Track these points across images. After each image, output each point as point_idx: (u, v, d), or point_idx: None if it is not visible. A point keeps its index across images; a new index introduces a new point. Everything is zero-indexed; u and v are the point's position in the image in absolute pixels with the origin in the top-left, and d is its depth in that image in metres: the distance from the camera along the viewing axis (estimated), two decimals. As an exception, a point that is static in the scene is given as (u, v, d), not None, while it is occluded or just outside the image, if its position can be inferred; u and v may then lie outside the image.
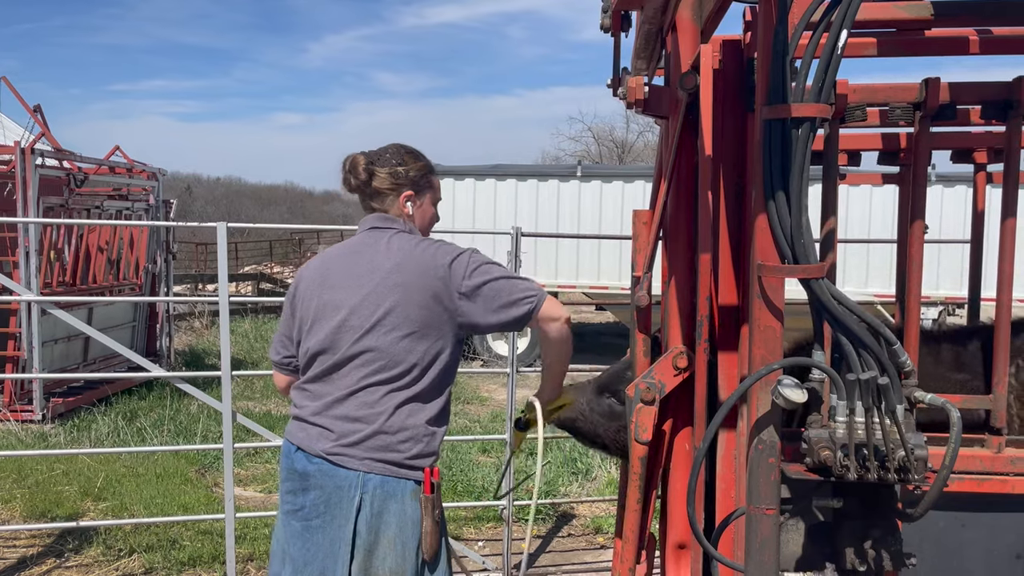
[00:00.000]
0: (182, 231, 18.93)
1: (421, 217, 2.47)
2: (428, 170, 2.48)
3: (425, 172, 2.47)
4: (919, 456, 1.58)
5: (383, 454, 2.23)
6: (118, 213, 10.12)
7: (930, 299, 10.95)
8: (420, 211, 2.46)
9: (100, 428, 7.61)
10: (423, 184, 2.46)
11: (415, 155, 2.47)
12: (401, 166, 2.42)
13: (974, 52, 2.04)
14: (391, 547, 2.21)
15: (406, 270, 2.28)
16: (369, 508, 2.21)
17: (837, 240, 2.03)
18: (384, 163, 2.41)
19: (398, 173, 2.40)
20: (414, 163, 2.44)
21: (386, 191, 2.41)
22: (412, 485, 2.25)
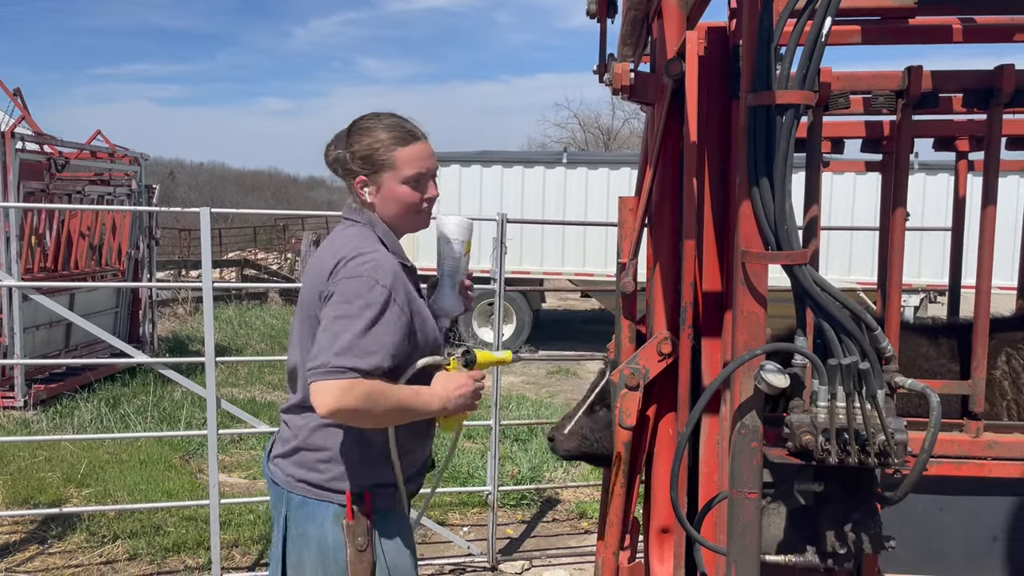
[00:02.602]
0: (165, 217, 18.79)
1: (384, 202, 2.07)
2: (384, 145, 2.03)
3: (377, 149, 2.03)
4: (899, 440, 1.60)
5: (303, 472, 2.07)
6: (100, 198, 10.02)
7: (911, 286, 11.05)
8: (382, 196, 2.06)
9: (83, 414, 7.57)
10: (377, 163, 2.04)
11: (364, 131, 2.06)
12: (345, 150, 2.07)
13: (957, 41, 2.05)
14: (313, 572, 2.06)
15: (308, 273, 2.08)
16: (293, 527, 2.08)
17: (820, 227, 2.05)
18: (331, 148, 2.11)
19: (341, 159, 2.08)
20: (360, 142, 2.05)
21: (343, 178, 2.12)
22: (335, 509, 2.04)
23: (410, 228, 2.15)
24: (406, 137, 2.05)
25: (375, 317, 1.90)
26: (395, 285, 1.95)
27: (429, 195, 2.10)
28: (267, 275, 19.75)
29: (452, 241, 2.23)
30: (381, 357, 1.89)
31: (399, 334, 1.95)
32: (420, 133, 2.09)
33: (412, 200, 2.08)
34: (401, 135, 2.05)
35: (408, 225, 2.14)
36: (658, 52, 2.23)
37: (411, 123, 2.09)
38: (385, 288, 1.92)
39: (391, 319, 1.93)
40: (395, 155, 2.04)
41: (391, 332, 1.93)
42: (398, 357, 1.95)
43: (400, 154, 2.04)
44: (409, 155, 2.05)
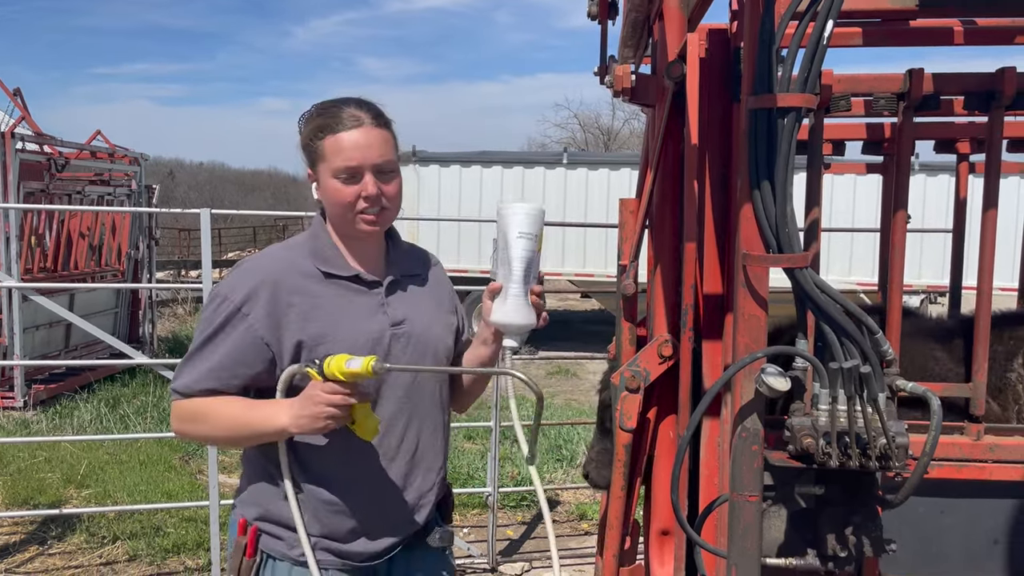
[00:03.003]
0: (165, 217, 18.79)
1: (324, 200, 1.85)
2: (314, 133, 1.80)
3: (310, 138, 1.82)
4: (900, 443, 1.60)
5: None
6: (100, 198, 10.02)
7: (912, 288, 11.05)
8: (322, 193, 1.85)
9: (82, 415, 7.57)
10: (312, 154, 1.82)
11: (307, 119, 1.85)
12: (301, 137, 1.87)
13: (958, 43, 2.05)
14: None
15: None
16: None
17: (821, 229, 2.05)
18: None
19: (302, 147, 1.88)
20: (302, 131, 1.85)
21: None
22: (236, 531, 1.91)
23: (354, 232, 1.85)
24: (337, 123, 1.77)
25: (208, 336, 1.79)
26: (252, 296, 1.76)
27: (367, 192, 1.78)
28: (267, 275, 19.77)
29: (519, 236, 1.85)
30: (195, 377, 1.79)
31: (237, 352, 1.77)
32: (366, 118, 1.79)
33: (341, 197, 1.79)
34: (332, 121, 1.78)
35: (349, 228, 1.85)
36: (659, 54, 2.23)
37: (360, 108, 1.81)
38: (232, 303, 1.77)
39: (230, 337, 1.77)
40: (324, 144, 1.79)
41: (223, 351, 1.77)
42: (239, 377, 1.79)
43: (329, 143, 1.78)
44: (338, 144, 1.77)
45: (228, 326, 1.77)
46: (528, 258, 1.85)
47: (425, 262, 2.08)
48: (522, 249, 1.84)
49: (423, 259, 2.08)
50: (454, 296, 2.11)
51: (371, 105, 1.84)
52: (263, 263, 1.84)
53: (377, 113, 1.83)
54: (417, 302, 1.95)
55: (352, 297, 1.85)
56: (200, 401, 1.80)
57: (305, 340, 1.78)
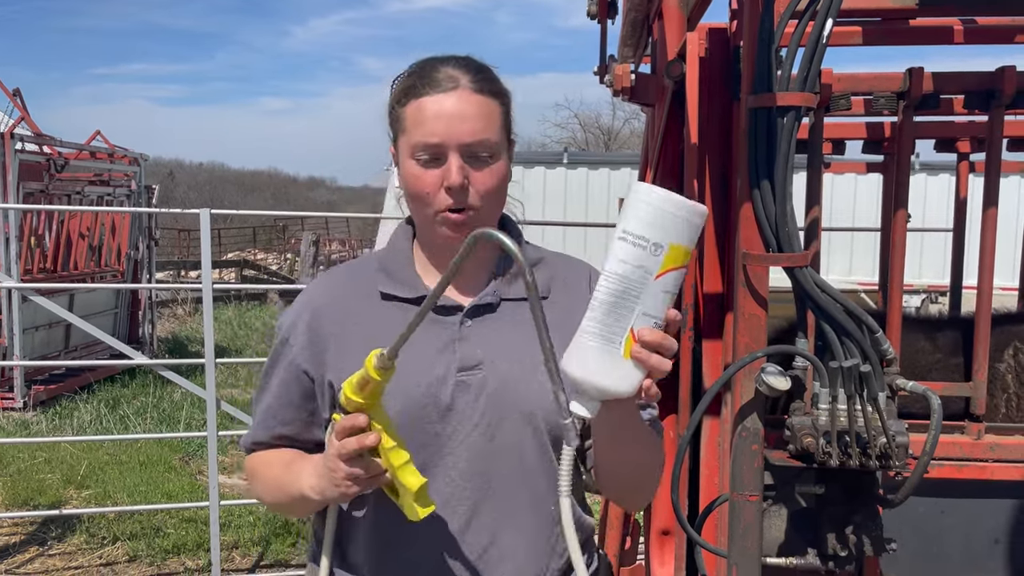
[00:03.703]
0: (165, 217, 18.78)
1: (404, 192, 1.39)
2: (404, 93, 1.35)
3: (395, 101, 1.37)
4: (900, 443, 1.60)
5: None
6: (99, 199, 10.02)
7: (913, 287, 11.04)
8: (400, 180, 1.40)
9: (82, 416, 7.57)
10: (394, 124, 1.38)
11: (403, 74, 1.39)
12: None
13: (958, 42, 2.05)
14: None
15: None
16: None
17: (821, 228, 2.04)
18: None
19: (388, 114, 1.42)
20: (393, 90, 1.40)
21: None
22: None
23: (433, 236, 1.38)
24: (427, 83, 1.31)
25: (265, 375, 1.47)
26: (296, 324, 1.42)
27: (450, 180, 1.28)
28: (267, 276, 19.75)
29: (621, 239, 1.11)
30: (255, 428, 1.48)
31: (282, 390, 1.43)
32: (464, 79, 1.31)
33: (417, 185, 1.32)
34: (422, 81, 1.32)
35: (427, 231, 1.39)
36: (659, 53, 2.23)
37: (460, 68, 1.34)
38: (281, 333, 1.45)
39: (279, 375, 1.43)
40: (406, 111, 1.33)
41: (271, 393, 1.45)
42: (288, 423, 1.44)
43: (411, 109, 1.32)
44: (420, 111, 1.30)
45: (278, 363, 1.44)
46: (628, 279, 1.10)
47: (567, 274, 1.48)
48: (620, 263, 1.10)
49: (558, 272, 1.48)
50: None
51: (480, 65, 1.36)
52: (318, 281, 1.50)
53: (483, 75, 1.34)
54: (517, 339, 1.34)
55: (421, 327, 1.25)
56: (253, 457, 1.50)
57: (336, 382, 1.33)
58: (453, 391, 1.33)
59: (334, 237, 27.37)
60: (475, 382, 1.33)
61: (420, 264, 1.43)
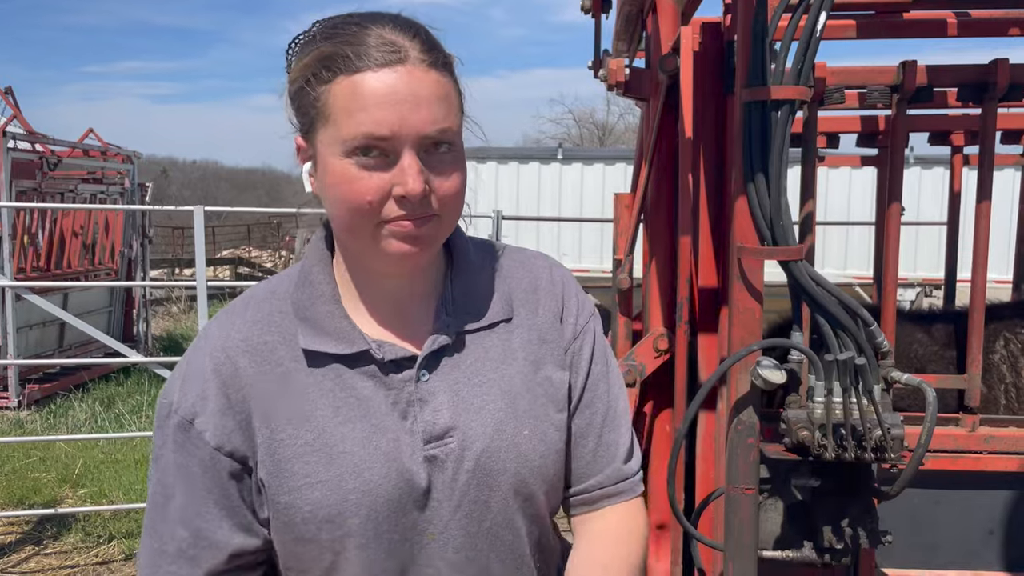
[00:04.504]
0: (158, 215, 18.75)
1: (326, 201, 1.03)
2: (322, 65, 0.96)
3: (307, 76, 0.98)
4: (895, 435, 1.60)
5: None
6: (92, 197, 9.99)
7: (907, 280, 11.07)
8: (320, 186, 1.03)
9: (77, 414, 7.54)
10: (308, 110, 0.99)
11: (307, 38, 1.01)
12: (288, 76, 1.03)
13: (952, 35, 2.05)
14: None
15: None
16: None
17: (816, 222, 2.05)
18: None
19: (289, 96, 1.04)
20: (296, 61, 1.01)
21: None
22: None
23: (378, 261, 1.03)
24: (359, 53, 0.95)
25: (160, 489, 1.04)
26: (204, 398, 1.02)
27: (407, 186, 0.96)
28: (261, 273, 19.73)
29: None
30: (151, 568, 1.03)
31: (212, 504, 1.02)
32: (411, 49, 0.97)
33: (355, 195, 0.97)
34: (349, 49, 0.95)
35: (367, 253, 1.03)
36: (653, 48, 2.23)
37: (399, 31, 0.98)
38: (176, 416, 1.03)
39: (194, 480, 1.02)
40: (331, 92, 0.96)
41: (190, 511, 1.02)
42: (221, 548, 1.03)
43: (340, 90, 0.95)
44: (357, 93, 0.95)
45: (182, 462, 1.02)
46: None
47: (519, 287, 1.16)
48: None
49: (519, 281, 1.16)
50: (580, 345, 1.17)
51: (418, 28, 1.00)
52: (218, 329, 1.07)
53: (431, 41, 1.00)
54: (487, 383, 1.08)
55: (363, 393, 1.03)
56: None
57: (268, 482, 1.01)
58: (427, 471, 1.03)
59: (329, 234, 27.32)
60: (449, 456, 1.03)
61: (348, 300, 1.06)
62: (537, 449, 1.07)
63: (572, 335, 1.15)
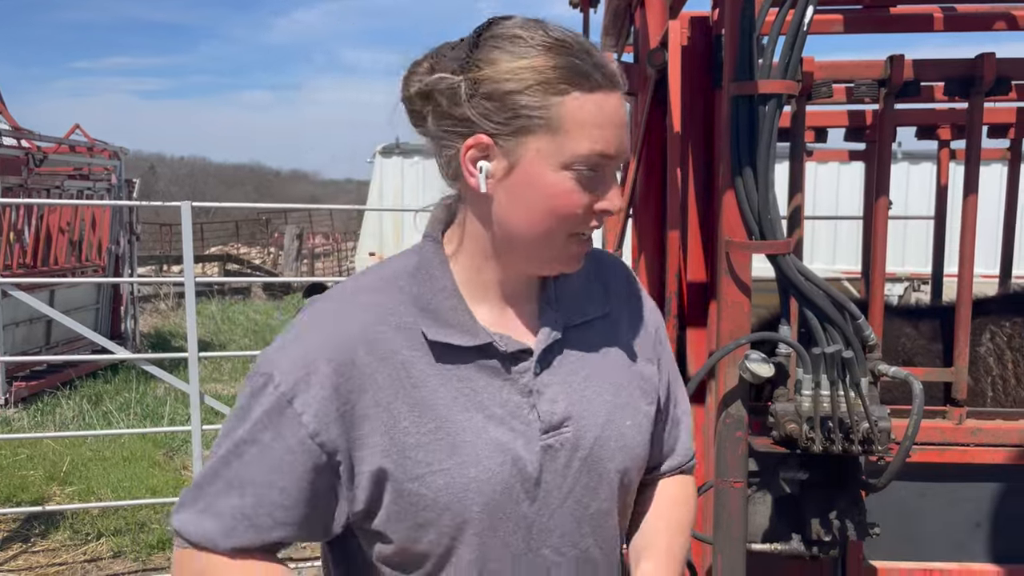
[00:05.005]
0: (146, 211, 18.64)
1: (511, 201, 1.03)
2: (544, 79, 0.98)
3: (527, 84, 0.98)
4: (883, 428, 1.61)
5: None
6: (79, 193, 9.92)
7: (895, 275, 11.13)
8: (510, 186, 1.02)
9: (65, 412, 7.50)
10: (523, 114, 0.99)
11: (508, 43, 1.00)
12: (461, 74, 1.01)
13: (938, 29, 2.06)
14: None
15: None
16: None
17: (804, 216, 2.05)
18: (423, 70, 1.05)
19: (448, 91, 1.02)
20: (497, 63, 0.99)
21: (434, 139, 1.07)
22: None
23: (538, 265, 1.09)
24: (586, 74, 0.99)
25: (237, 443, 1.02)
26: (308, 380, 1.00)
27: (603, 206, 1.03)
28: (250, 270, 19.65)
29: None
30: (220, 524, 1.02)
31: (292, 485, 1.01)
32: (618, 79, 1.03)
33: (567, 205, 1.01)
34: (579, 68, 0.99)
35: (536, 256, 1.07)
36: (641, 42, 2.23)
37: (606, 61, 1.03)
38: (276, 388, 1.01)
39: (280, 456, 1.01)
40: (565, 104, 0.98)
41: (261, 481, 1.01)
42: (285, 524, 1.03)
43: (577, 104, 0.99)
44: (589, 112, 0.99)
45: (268, 432, 1.01)
46: None
47: (607, 276, 1.21)
48: None
49: (605, 279, 1.21)
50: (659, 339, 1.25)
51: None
52: (332, 313, 1.07)
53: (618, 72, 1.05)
54: (597, 374, 1.13)
55: (483, 384, 1.06)
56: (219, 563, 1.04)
57: (391, 469, 1.02)
58: (540, 459, 1.06)
59: (317, 230, 27.24)
60: (564, 445, 1.08)
61: (468, 295, 1.09)
62: (637, 439, 1.15)
63: (653, 329, 1.23)
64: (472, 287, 1.09)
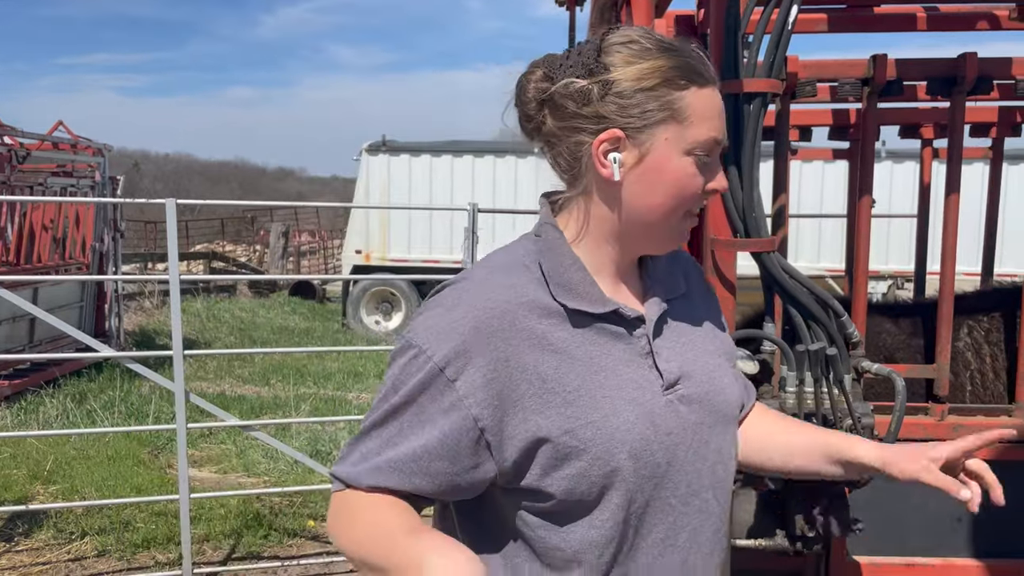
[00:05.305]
0: (131, 209, 18.50)
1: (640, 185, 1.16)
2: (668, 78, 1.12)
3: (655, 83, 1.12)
4: (866, 424, 1.63)
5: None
6: (63, 190, 9.84)
7: (879, 273, 11.21)
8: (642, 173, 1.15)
9: (48, 410, 7.44)
10: (651, 109, 1.12)
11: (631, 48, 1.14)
12: (588, 79, 1.14)
13: (921, 29, 2.08)
14: None
15: None
16: None
17: (788, 215, 2.06)
18: (544, 76, 1.19)
19: (578, 95, 1.14)
20: (625, 67, 1.13)
21: (553, 140, 1.22)
22: None
23: (654, 244, 1.24)
24: (701, 73, 1.14)
25: (394, 407, 1.14)
26: (466, 356, 1.11)
27: (715, 185, 1.17)
28: (236, 267, 19.56)
29: None
30: (365, 466, 1.15)
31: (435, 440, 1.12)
32: (714, 73, 1.18)
33: (691, 186, 1.16)
34: (694, 67, 1.14)
35: (656, 236, 1.22)
36: (627, 40, 2.23)
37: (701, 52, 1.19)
38: (430, 359, 1.11)
39: (426, 414, 1.12)
40: (686, 97, 1.13)
41: (413, 435, 1.13)
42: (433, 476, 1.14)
43: (697, 98, 1.13)
44: (706, 104, 1.14)
45: (423, 396, 1.13)
46: None
47: (684, 264, 1.38)
48: None
49: (682, 261, 1.37)
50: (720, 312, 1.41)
51: None
52: (474, 293, 1.17)
53: None
54: (693, 340, 1.28)
55: (609, 347, 1.18)
56: (362, 498, 1.16)
57: (545, 426, 1.12)
58: (665, 413, 1.18)
59: (304, 228, 27.13)
60: (682, 400, 1.21)
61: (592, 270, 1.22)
62: (735, 393, 1.30)
63: (716, 306, 1.39)
64: (590, 265, 1.22)
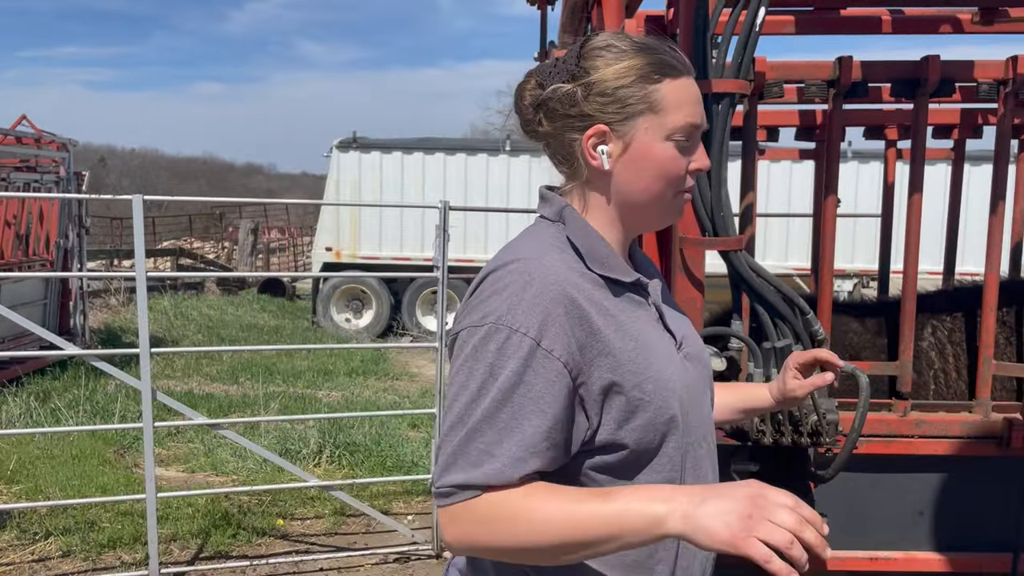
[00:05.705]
0: (96, 205, 18.23)
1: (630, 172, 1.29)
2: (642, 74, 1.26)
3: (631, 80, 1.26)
4: (831, 420, 1.66)
5: None
6: (26, 186, 9.66)
7: (844, 272, 11.37)
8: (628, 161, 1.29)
9: (11, 409, 7.31)
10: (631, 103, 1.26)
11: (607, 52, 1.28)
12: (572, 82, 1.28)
13: (886, 32, 2.11)
14: None
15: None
16: None
17: (756, 214, 2.09)
18: (536, 84, 1.33)
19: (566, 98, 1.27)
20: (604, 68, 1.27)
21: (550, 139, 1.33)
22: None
23: (653, 222, 1.38)
24: (676, 64, 1.28)
25: (503, 391, 1.17)
26: (547, 325, 1.19)
27: (697, 164, 1.31)
28: (203, 264, 19.33)
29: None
30: (508, 458, 1.16)
31: (554, 413, 1.17)
32: (689, 64, 1.31)
33: (674, 168, 1.28)
34: (666, 62, 1.27)
35: (653, 214, 1.35)
36: (598, 40, 2.24)
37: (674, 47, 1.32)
38: (524, 336, 1.18)
39: (536, 388, 1.17)
40: (662, 89, 1.26)
41: (535, 412, 1.17)
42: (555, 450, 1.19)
43: (671, 89, 1.26)
44: (684, 92, 1.27)
45: (527, 372, 1.17)
46: None
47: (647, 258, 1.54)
48: None
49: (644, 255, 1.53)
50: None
51: None
52: (539, 268, 1.24)
53: None
54: (675, 311, 1.44)
55: (639, 312, 1.31)
56: (513, 494, 1.16)
57: (618, 381, 1.22)
58: (684, 369, 1.33)
59: (273, 225, 26.88)
60: (687, 357, 1.36)
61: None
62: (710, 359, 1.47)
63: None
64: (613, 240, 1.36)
